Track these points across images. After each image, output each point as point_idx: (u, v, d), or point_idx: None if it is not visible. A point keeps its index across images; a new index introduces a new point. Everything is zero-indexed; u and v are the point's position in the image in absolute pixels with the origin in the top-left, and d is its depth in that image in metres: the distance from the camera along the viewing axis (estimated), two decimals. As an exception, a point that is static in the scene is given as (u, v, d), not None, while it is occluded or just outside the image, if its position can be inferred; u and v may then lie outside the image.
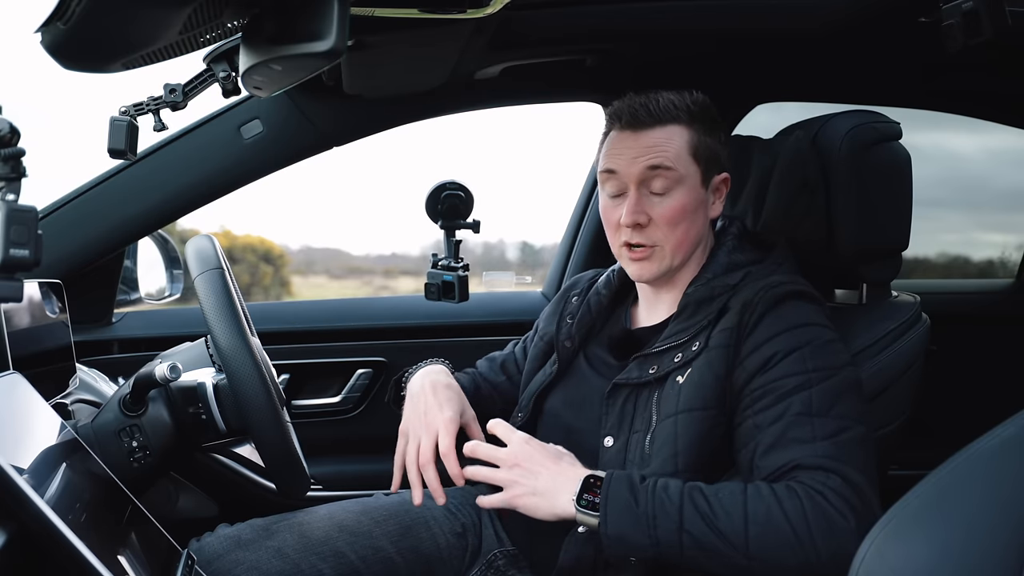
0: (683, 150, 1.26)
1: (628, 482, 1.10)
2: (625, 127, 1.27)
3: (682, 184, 1.25)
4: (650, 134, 1.26)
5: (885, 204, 1.34)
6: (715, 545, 1.05)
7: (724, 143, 1.32)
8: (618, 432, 1.23)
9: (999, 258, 3.16)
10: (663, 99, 1.27)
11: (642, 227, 1.26)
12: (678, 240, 1.26)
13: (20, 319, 1.26)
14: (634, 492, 1.09)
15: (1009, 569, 0.59)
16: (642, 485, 1.10)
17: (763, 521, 1.05)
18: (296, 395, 1.96)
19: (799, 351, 1.15)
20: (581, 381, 1.36)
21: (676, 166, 1.25)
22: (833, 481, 1.06)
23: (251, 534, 1.33)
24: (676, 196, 1.25)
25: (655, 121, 1.26)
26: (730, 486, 1.10)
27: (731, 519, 1.05)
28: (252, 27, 0.87)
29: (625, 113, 1.27)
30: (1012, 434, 0.66)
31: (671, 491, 1.09)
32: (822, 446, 1.09)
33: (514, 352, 1.56)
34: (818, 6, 1.51)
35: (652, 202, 1.26)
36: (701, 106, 1.29)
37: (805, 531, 1.04)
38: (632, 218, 1.25)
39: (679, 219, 1.25)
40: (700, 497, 1.08)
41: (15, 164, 0.77)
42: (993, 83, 1.94)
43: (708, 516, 1.06)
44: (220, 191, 1.74)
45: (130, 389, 1.28)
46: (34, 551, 0.78)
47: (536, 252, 6.03)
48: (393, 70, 1.54)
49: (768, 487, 1.08)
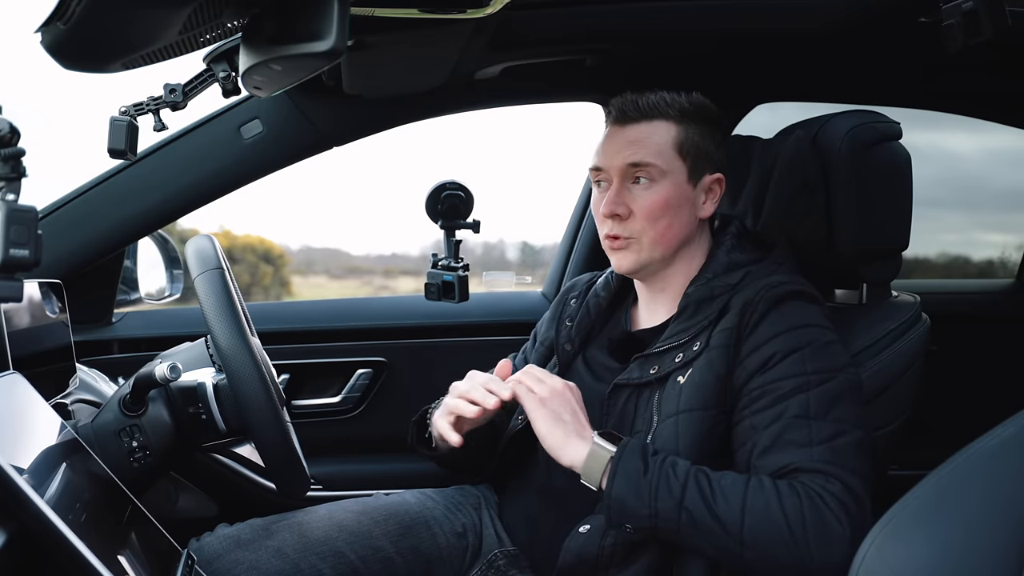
0: (666, 145, 1.27)
1: (641, 450, 1.12)
2: (614, 122, 1.30)
3: (664, 178, 1.27)
4: (635, 128, 1.28)
5: (885, 204, 1.34)
6: (711, 527, 1.07)
7: (720, 144, 1.32)
8: (619, 432, 1.23)
9: (999, 258, 3.16)
10: (655, 96, 1.29)
11: (622, 219, 1.28)
12: (658, 233, 1.27)
13: (20, 319, 1.26)
14: (645, 460, 1.11)
15: (1009, 569, 0.60)
16: (653, 457, 1.12)
17: (760, 513, 1.06)
18: (296, 395, 1.96)
19: (799, 352, 1.15)
20: (581, 383, 1.36)
21: (657, 161, 1.26)
22: (833, 486, 1.07)
23: (251, 534, 1.32)
24: (657, 190, 1.26)
25: (641, 116, 1.28)
26: (734, 475, 1.11)
27: (729, 505, 1.07)
28: (252, 27, 0.87)
29: (615, 109, 1.30)
30: (1012, 434, 0.66)
31: (678, 468, 1.11)
32: (819, 450, 1.09)
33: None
34: (818, 6, 1.50)
35: (634, 195, 1.28)
36: (697, 106, 1.29)
37: (800, 530, 1.05)
38: (610, 208, 1.27)
39: (659, 213, 1.26)
40: (704, 479, 1.09)
41: (15, 164, 0.77)
42: (993, 83, 1.94)
43: (708, 498, 1.08)
44: (220, 191, 1.74)
45: (130, 389, 1.28)
46: (34, 551, 0.78)
47: (536, 252, 6.03)
48: (393, 70, 1.54)
49: (771, 481, 1.09)
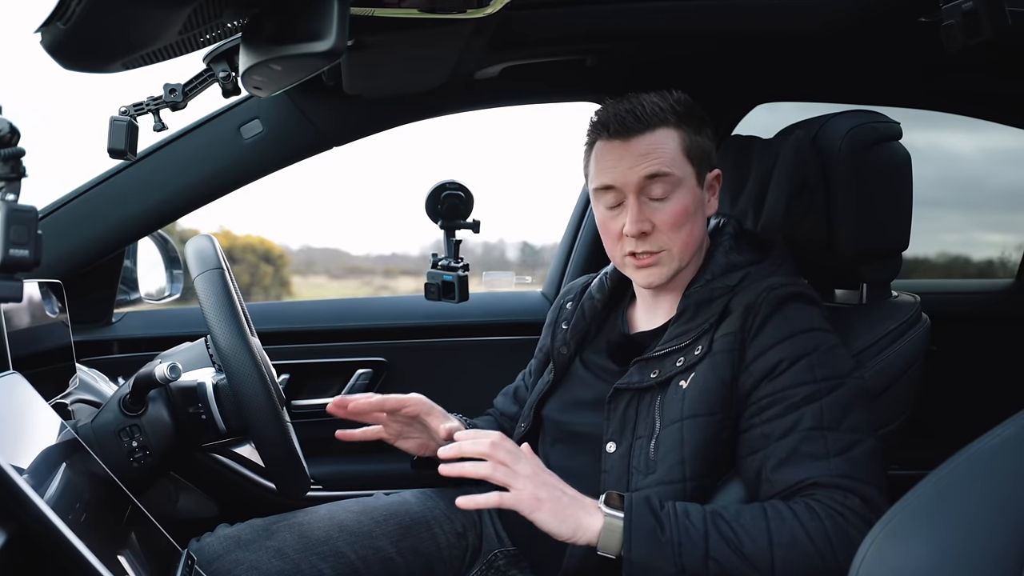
0: (677, 152, 1.24)
1: (649, 507, 1.08)
2: (614, 136, 1.24)
3: (681, 186, 1.24)
4: (641, 140, 1.23)
5: (885, 204, 1.34)
6: (741, 570, 1.04)
7: (711, 139, 1.30)
8: (620, 437, 1.23)
9: (999, 258, 3.16)
10: (647, 103, 1.24)
11: (647, 235, 1.24)
12: (684, 242, 1.25)
13: (20, 319, 1.26)
14: (657, 518, 1.06)
15: (1009, 569, 0.59)
16: (663, 512, 1.07)
17: (787, 545, 1.04)
18: (296, 395, 1.96)
19: (806, 358, 1.14)
20: (580, 387, 1.36)
21: (673, 170, 1.23)
22: (852, 501, 1.06)
23: (251, 534, 1.32)
24: (677, 199, 1.24)
25: (644, 127, 1.23)
26: (750, 509, 1.09)
27: (756, 545, 1.05)
28: (252, 27, 0.87)
29: (612, 122, 1.24)
30: (1012, 434, 0.66)
31: (694, 517, 1.07)
32: (836, 463, 1.08)
33: (523, 379, 1.56)
34: (818, 6, 1.50)
35: (653, 208, 1.24)
36: (685, 105, 1.27)
37: (830, 553, 1.04)
38: (637, 227, 1.23)
39: (683, 222, 1.24)
40: (723, 523, 1.07)
41: (15, 164, 0.77)
42: (993, 83, 1.94)
43: (733, 542, 1.05)
44: (220, 191, 1.74)
45: (130, 389, 1.28)
46: (34, 551, 0.78)
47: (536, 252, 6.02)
48: (393, 70, 1.54)
49: (788, 508, 1.07)
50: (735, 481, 1.19)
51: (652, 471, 1.17)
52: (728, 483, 1.19)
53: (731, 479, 1.19)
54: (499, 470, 1.06)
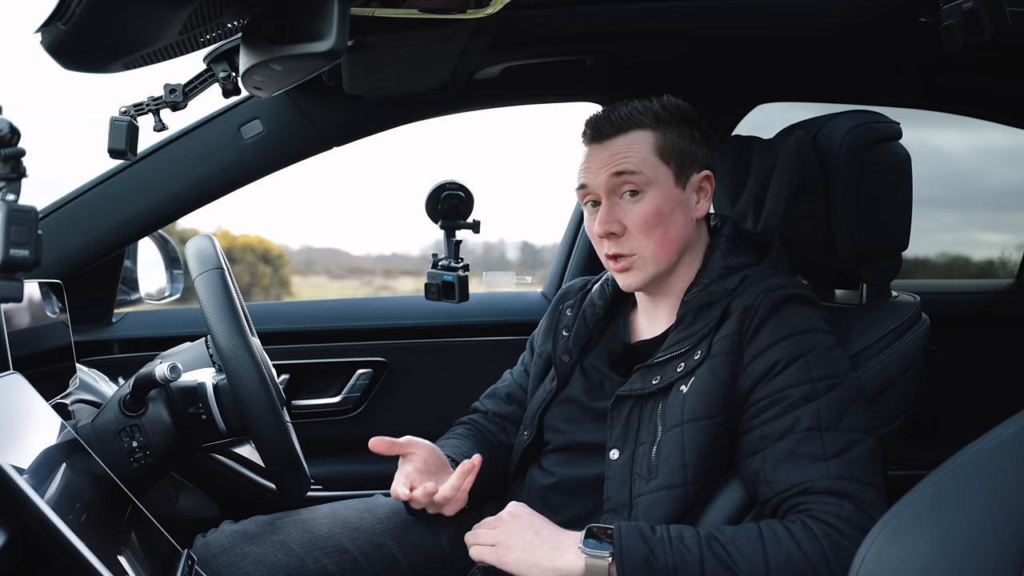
0: (648, 153, 1.26)
1: (640, 534, 1.09)
2: (591, 140, 1.29)
3: (652, 187, 1.25)
4: (613, 143, 1.27)
5: (885, 204, 1.34)
6: None
7: (702, 141, 1.30)
8: (623, 444, 1.23)
9: (999, 258, 3.16)
10: (627, 107, 1.28)
11: (617, 236, 1.26)
12: (656, 245, 1.26)
13: (20, 319, 1.27)
14: (650, 545, 1.08)
15: (1009, 569, 0.59)
16: (656, 537, 1.08)
17: (783, 566, 1.05)
18: (296, 395, 1.96)
19: (803, 358, 1.14)
20: (582, 394, 1.36)
21: (641, 169, 1.25)
22: (846, 510, 1.06)
23: (256, 529, 1.33)
24: (647, 200, 1.25)
25: (616, 130, 1.27)
26: (746, 531, 1.09)
27: (752, 567, 1.05)
28: (252, 27, 0.87)
29: (590, 127, 1.29)
30: (1012, 434, 0.66)
31: (688, 541, 1.08)
32: (834, 464, 1.09)
33: (514, 379, 1.55)
34: (818, 6, 1.50)
35: (624, 210, 1.26)
36: (671, 108, 1.28)
37: (826, 570, 1.04)
38: (604, 227, 1.26)
39: (653, 223, 1.25)
40: (717, 546, 1.07)
41: (15, 164, 0.77)
42: (993, 83, 1.94)
43: (729, 565, 1.06)
44: (220, 191, 1.74)
45: (130, 389, 1.28)
46: (34, 551, 0.78)
47: (536, 252, 6.02)
48: (393, 70, 1.54)
49: (784, 528, 1.07)
50: (735, 483, 1.19)
51: (654, 476, 1.18)
52: (728, 485, 1.19)
53: (731, 481, 1.19)
54: (485, 553, 1.18)
